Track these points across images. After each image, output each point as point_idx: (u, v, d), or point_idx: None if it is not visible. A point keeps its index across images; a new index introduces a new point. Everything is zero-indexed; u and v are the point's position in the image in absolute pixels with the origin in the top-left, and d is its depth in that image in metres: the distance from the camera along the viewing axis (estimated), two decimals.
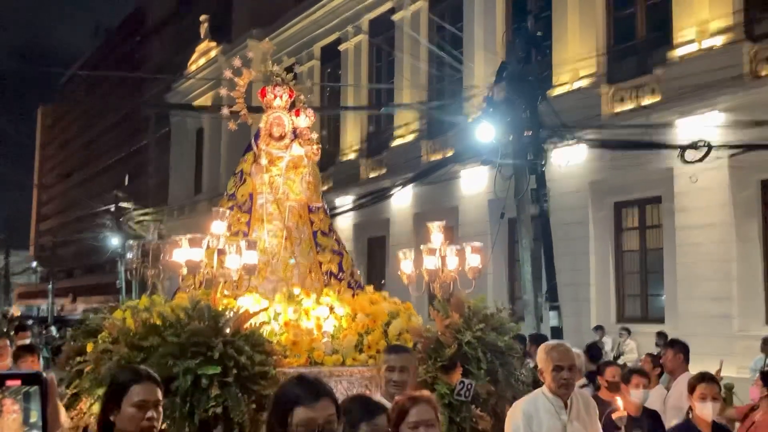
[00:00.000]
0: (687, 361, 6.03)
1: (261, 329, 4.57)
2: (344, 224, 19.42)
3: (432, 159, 17.88)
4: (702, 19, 12.50)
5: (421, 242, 5.87)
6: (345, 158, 21.70)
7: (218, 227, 4.93)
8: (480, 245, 5.77)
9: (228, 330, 4.33)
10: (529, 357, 6.19)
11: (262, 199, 6.14)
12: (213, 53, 29.66)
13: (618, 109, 13.89)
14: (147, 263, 5.41)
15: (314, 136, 6.34)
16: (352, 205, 19.16)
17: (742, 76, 11.70)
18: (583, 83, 14.43)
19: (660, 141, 11.66)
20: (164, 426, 2.71)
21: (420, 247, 5.73)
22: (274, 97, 6.27)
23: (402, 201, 18.49)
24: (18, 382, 1.64)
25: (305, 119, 6.28)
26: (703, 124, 11.70)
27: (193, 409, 4.01)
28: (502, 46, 14.73)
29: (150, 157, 41.47)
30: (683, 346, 6.11)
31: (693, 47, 12.59)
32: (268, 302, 5.25)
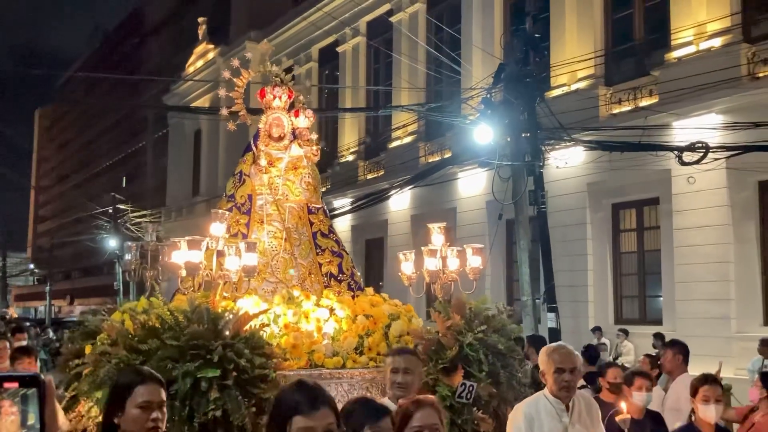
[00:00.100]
0: (686, 363, 6.00)
1: (261, 332, 4.54)
2: (342, 226, 19.38)
3: (430, 161, 17.87)
4: (700, 20, 12.51)
5: (419, 244, 5.86)
6: (343, 160, 21.70)
7: (217, 229, 4.90)
8: (481, 246, 5.76)
9: (227, 332, 4.31)
10: (526, 358, 6.18)
11: (261, 200, 6.11)
12: (211, 55, 29.64)
13: (616, 111, 13.90)
14: (145, 265, 5.39)
15: (314, 136, 6.32)
16: (349, 207, 19.14)
17: (739, 78, 11.72)
18: (581, 85, 14.43)
19: (658, 142, 11.65)
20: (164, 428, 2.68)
21: (419, 249, 5.72)
22: (273, 97, 6.24)
23: (400, 203, 18.47)
24: (16, 384, 1.62)
25: (305, 120, 6.25)
26: (701, 126, 11.70)
27: (193, 413, 3.98)
28: (500, 48, 14.71)
29: (148, 159, 41.44)
30: (683, 347, 6.08)
31: (691, 49, 12.60)
32: (268, 304, 5.22)
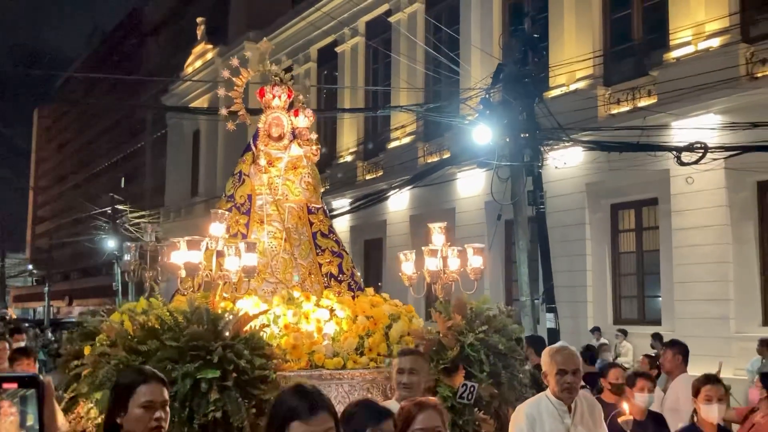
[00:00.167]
0: (686, 363, 5.98)
1: (261, 332, 4.52)
2: (341, 226, 19.34)
3: (429, 161, 17.87)
4: (698, 20, 12.51)
5: (418, 244, 5.84)
6: (342, 160, 21.68)
7: (217, 229, 4.88)
8: (482, 246, 5.75)
9: (227, 333, 4.28)
10: (525, 359, 6.16)
11: (261, 200, 6.09)
12: (209, 55, 29.62)
13: (614, 111, 13.90)
14: (144, 265, 5.37)
15: (313, 136, 6.30)
16: (348, 208, 19.12)
17: (738, 78, 11.72)
18: (580, 85, 14.43)
19: (656, 143, 11.65)
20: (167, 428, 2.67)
21: (419, 249, 5.70)
22: (273, 97, 6.22)
23: (399, 203, 18.46)
24: (15, 385, 1.62)
25: (304, 119, 6.23)
26: (700, 126, 11.71)
27: (193, 414, 3.96)
28: (499, 48, 14.71)
29: (146, 160, 41.42)
30: (683, 347, 6.07)
31: (689, 49, 12.60)
32: (268, 305, 5.21)
